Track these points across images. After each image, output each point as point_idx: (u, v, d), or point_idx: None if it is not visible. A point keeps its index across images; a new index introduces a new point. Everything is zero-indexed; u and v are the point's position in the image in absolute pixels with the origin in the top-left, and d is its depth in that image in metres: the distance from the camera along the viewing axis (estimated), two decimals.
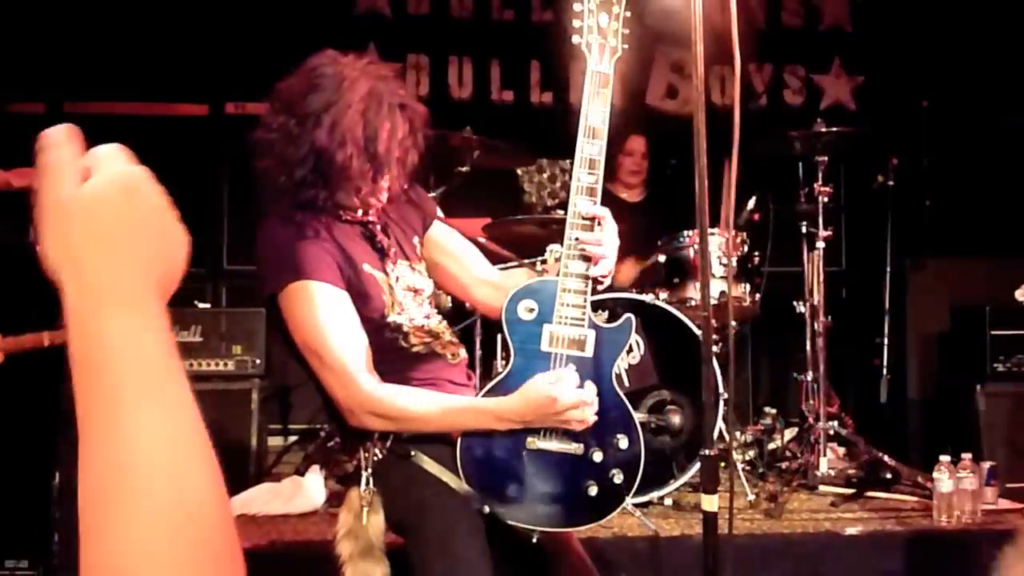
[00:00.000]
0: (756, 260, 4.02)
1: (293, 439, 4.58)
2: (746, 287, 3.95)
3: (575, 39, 1.97)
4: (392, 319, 2.01)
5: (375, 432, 1.96)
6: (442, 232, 2.24)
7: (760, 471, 4.00)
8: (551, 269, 2.20)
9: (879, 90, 5.86)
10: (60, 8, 5.24)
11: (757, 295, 4.00)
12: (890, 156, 4.49)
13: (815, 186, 4.02)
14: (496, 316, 2.07)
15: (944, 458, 3.37)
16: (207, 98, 5.54)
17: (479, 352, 3.82)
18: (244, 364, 3.88)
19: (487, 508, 1.91)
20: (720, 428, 3.30)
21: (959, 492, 3.31)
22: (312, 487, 3.49)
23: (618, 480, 1.96)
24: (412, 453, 1.95)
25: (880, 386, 4.65)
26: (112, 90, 5.35)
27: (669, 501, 3.51)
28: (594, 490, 1.95)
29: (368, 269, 2.01)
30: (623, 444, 1.97)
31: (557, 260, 2.09)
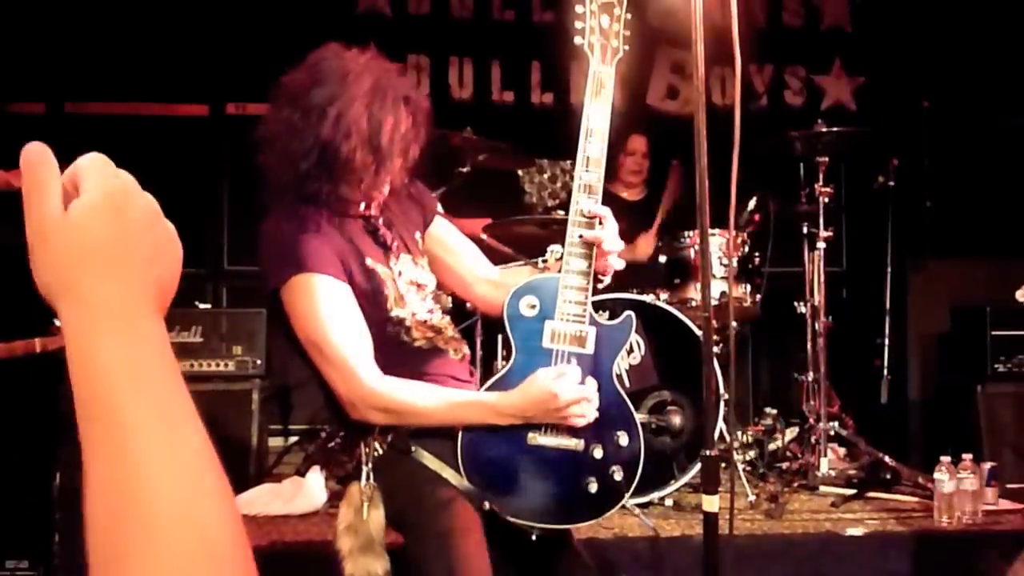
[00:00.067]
0: (757, 261, 4.02)
1: (294, 439, 4.58)
2: (747, 287, 3.96)
3: (577, 40, 1.99)
4: (395, 313, 2.00)
5: (376, 427, 1.95)
6: (443, 228, 2.23)
7: (761, 471, 4.00)
8: (552, 269, 2.20)
9: (880, 91, 5.87)
10: (60, 8, 5.24)
11: (758, 295, 4.01)
12: (891, 157, 4.49)
13: (816, 186, 4.01)
14: (494, 313, 2.09)
15: (945, 459, 3.37)
16: (207, 98, 5.54)
17: (480, 352, 3.82)
18: (245, 364, 3.88)
19: (487, 504, 1.91)
20: (721, 429, 3.29)
21: (960, 493, 3.31)
22: (313, 487, 3.49)
23: (618, 477, 1.96)
24: (412, 449, 1.94)
25: (881, 386, 4.65)
26: (112, 90, 5.35)
27: (670, 502, 3.50)
28: (594, 487, 1.95)
29: (371, 263, 2.00)
30: (623, 441, 1.98)
31: (558, 260, 2.09)
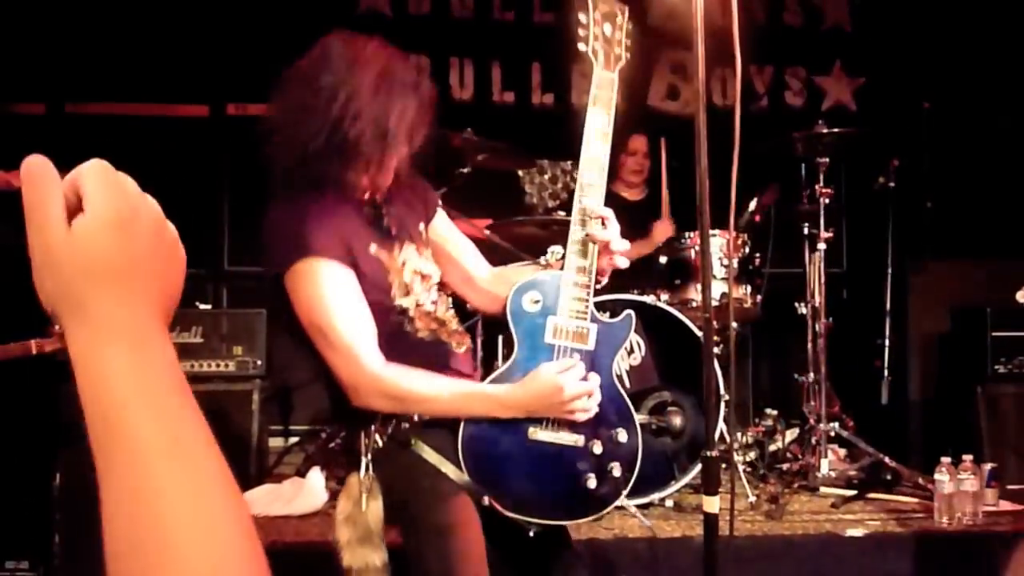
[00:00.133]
0: (757, 261, 4.03)
1: (294, 440, 4.58)
2: (747, 288, 3.96)
3: (581, 46, 2.02)
4: (398, 302, 1.98)
5: (377, 418, 1.93)
6: (444, 223, 2.23)
7: (761, 472, 4.00)
8: (553, 268, 2.21)
9: (880, 91, 5.87)
10: (61, 9, 5.24)
11: (758, 296, 4.01)
12: (891, 157, 4.49)
13: (816, 187, 4.02)
14: (490, 311, 2.11)
15: (945, 459, 3.38)
16: (208, 99, 5.54)
17: (480, 353, 3.82)
18: (245, 365, 3.87)
19: (486, 500, 1.90)
20: (721, 429, 3.30)
21: (960, 493, 3.31)
22: (313, 488, 3.49)
23: (617, 473, 1.97)
24: (412, 442, 1.93)
25: (881, 387, 4.65)
26: (113, 91, 5.35)
27: (670, 502, 3.51)
28: (593, 482, 1.96)
29: (375, 250, 1.98)
30: (622, 437, 1.99)
31: (558, 260, 2.10)
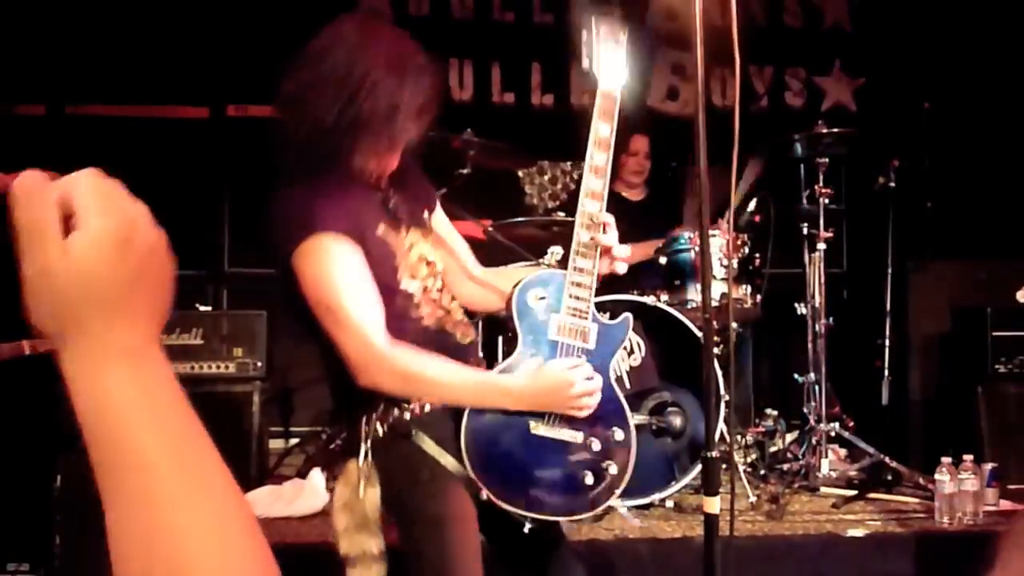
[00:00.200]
0: (757, 262, 4.02)
1: (294, 441, 4.58)
2: (747, 289, 3.96)
3: (584, 63, 2.08)
4: (404, 286, 1.97)
5: (379, 406, 1.91)
6: (442, 218, 2.24)
7: (761, 473, 4.00)
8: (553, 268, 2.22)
9: (880, 92, 5.86)
10: (61, 11, 5.24)
11: (758, 297, 4.01)
12: (891, 158, 4.49)
13: (816, 187, 4.02)
14: (480, 307, 2.18)
15: (945, 459, 3.38)
16: (208, 100, 5.53)
17: (480, 353, 3.82)
18: (245, 366, 3.87)
19: (484, 494, 1.90)
20: (721, 430, 3.30)
21: (961, 493, 3.31)
22: (314, 489, 3.49)
23: (613, 471, 1.99)
24: (413, 432, 1.91)
25: (881, 387, 4.64)
26: (113, 92, 5.35)
27: (670, 503, 3.51)
28: (590, 479, 1.97)
29: (382, 232, 1.97)
30: (619, 436, 2.00)
31: (558, 262, 2.12)
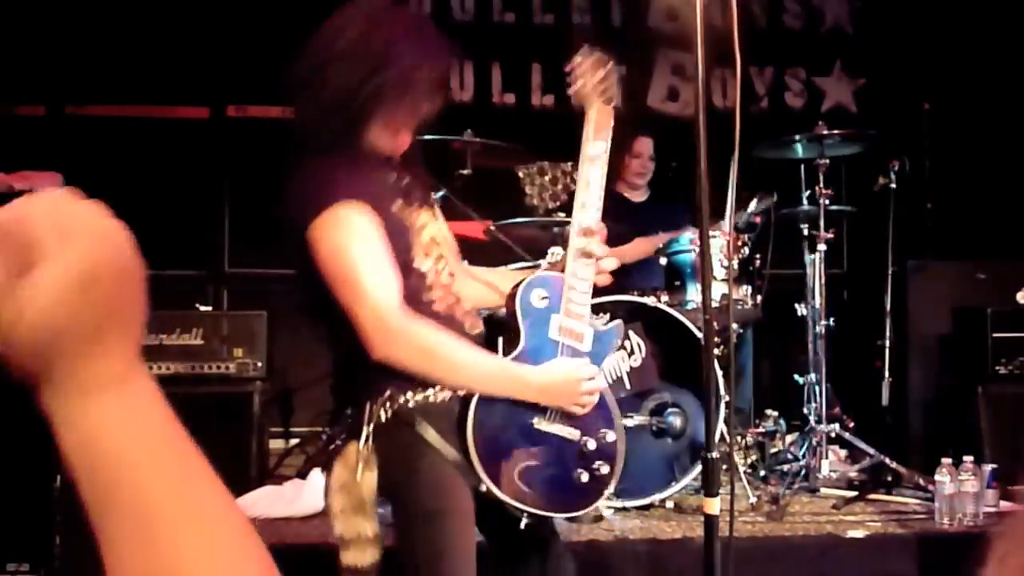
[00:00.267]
0: (757, 262, 4.03)
1: (295, 442, 4.58)
2: (747, 289, 3.96)
3: (574, 87, 2.09)
4: (418, 264, 1.97)
5: (386, 390, 1.88)
6: (439, 213, 2.24)
7: (762, 474, 4.00)
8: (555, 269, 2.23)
9: (880, 92, 5.87)
10: (61, 11, 5.25)
11: (758, 297, 4.01)
12: (891, 158, 4.49)
13: (816, 188, 4.02)
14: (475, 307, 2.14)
15: (946, 460, 3.37)
16: (208, 101, 5.54)
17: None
18: (245, 367, 3.86)
19: (484, 486, 1.89)
20: (721, 431, 3.29)
21: (961, 494, 3.31)
22: (314, 490, 3.49)
23: (604, 471, 2.01)
24: (417, 421, 1.89)
25: (882, 388, 4.64)
26: (113, 93, 5.36)
27: (671, 504, 3.51)
28: (585, 477, 1.99)
29: (398, 208, 1.97)
30: (609, 437, 2.03)
31: (558, 263, 2.12)
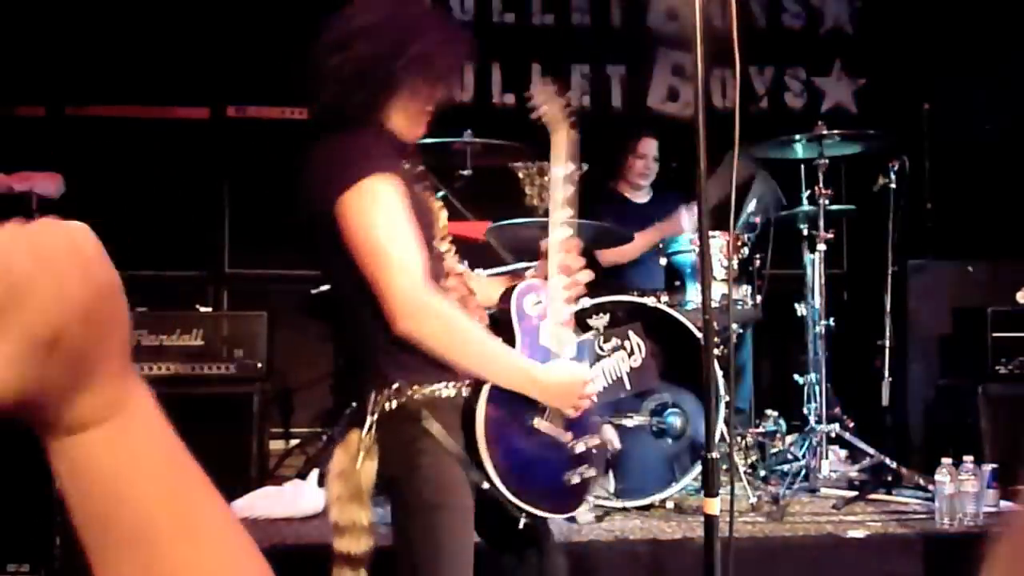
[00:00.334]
0: (757, 262, 4.03)
1: (295, 442, 4.58)
2: (747, 289, 3.96)
3: (534, 115, 2.24)
4: (436, 244, 1.99)
5: (395, 382, 1.88)
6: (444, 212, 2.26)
7: (762, 474, 4.00)
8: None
9: (880, 92, 5.86)
10: (61, 12, 5.25)
11: (758, 297, 4.01)
12: (891, 158, 4.49)
13: (816, 188, 4.02)
14: None
15: (946, 460, 3.37)
16: (208, 101, 5.54)
17: None
18: (246, 367, 3.86)
19: (485, 483, 1.89)
20: (721, 431, 3.30)
21: (961, 494, 3.31)
22: (314, 490, 3.49)
23: (591, 475, 2.04)
24: (423, 415, 1.88)
25: (882, 388, 4.64)
26: (113, 93, 5.36)
27: (671, 504, 3.51)
28: (576, 479, 2.01)
29: (419, 189, 1.99)
30: (595, 442, 2.06)
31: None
